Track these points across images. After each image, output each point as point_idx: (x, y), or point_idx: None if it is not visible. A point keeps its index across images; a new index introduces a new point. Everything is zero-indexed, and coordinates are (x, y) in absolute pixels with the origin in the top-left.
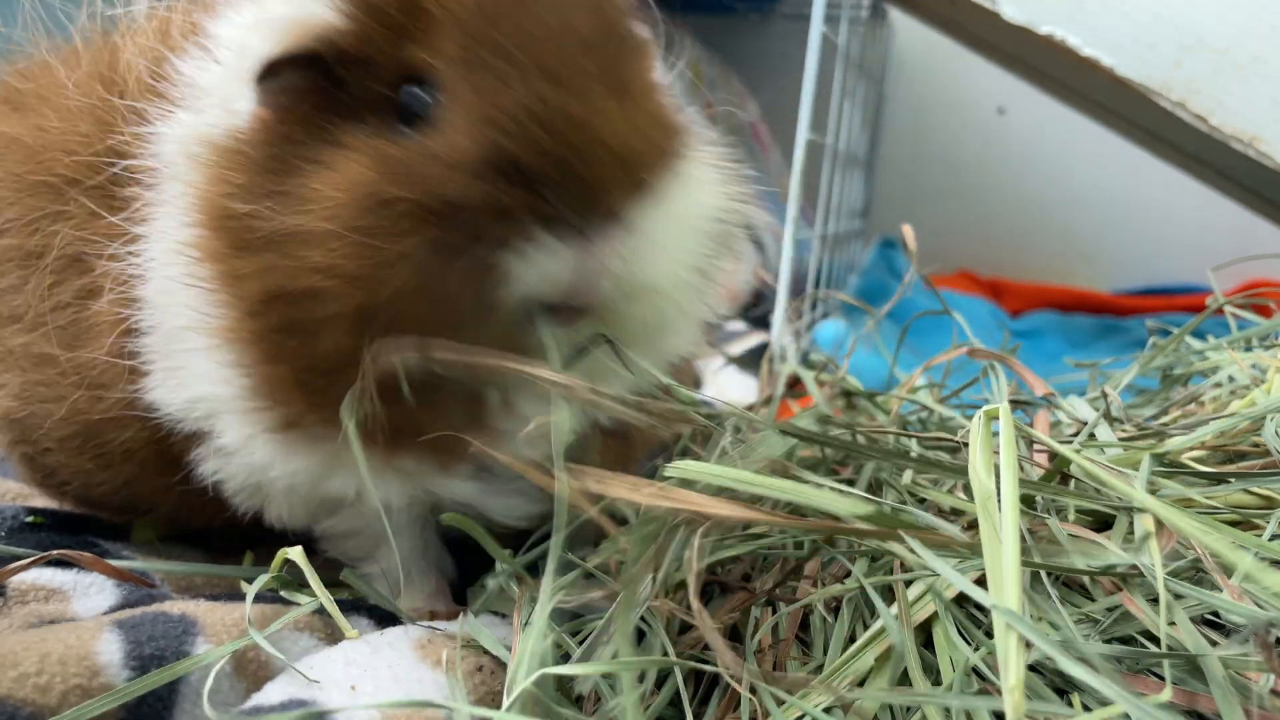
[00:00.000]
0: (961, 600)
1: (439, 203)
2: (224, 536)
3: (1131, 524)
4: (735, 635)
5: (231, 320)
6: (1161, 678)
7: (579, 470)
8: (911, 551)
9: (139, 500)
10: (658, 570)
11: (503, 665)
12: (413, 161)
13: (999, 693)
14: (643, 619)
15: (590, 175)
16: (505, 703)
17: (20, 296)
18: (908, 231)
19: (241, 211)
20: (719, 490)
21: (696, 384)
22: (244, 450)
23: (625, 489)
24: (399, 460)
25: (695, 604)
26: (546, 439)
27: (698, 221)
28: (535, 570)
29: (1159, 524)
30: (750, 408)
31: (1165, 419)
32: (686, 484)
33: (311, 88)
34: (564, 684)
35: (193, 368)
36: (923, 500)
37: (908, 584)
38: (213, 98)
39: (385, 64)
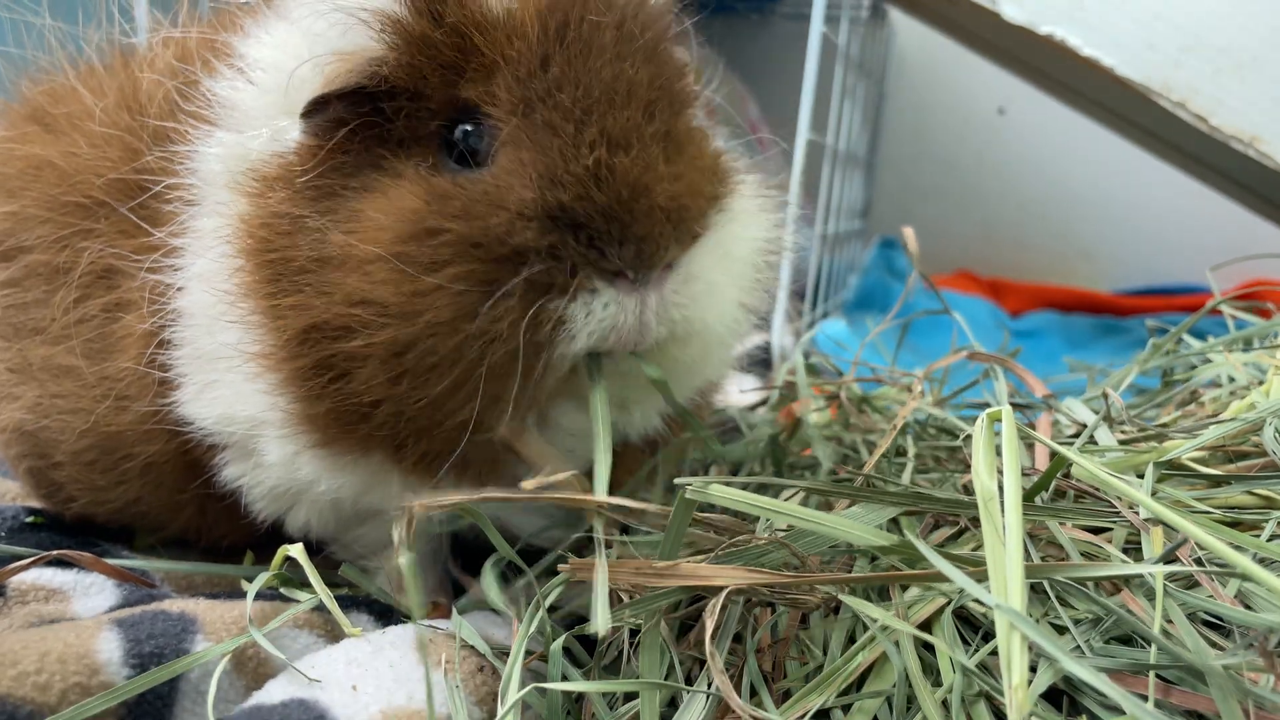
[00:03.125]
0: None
1: (492, 241)
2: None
3: (1132, 527)
4: (734, 635)
5: (270, 354)
6: (1161, 678)
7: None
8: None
9: (147, 517)
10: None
11: (504, 663)
12: (467, 198)
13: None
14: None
15: (646, 233)
16: (500, 713)
17: (44, 310)
18: (909, 234)
19: (283, 242)
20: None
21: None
22: (288, 466)
23: (632, 573)
24: (439, 483)
25: (711, 654)
26: (574, 457)
27: (746, 258)
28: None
29: (1159, 525)
30: (751, 408)
31: (1165, 420)
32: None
33: (359, 120)
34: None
35: (231, 386)
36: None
37: (904, 588)
38: (253, 119)
39: (436, 100)
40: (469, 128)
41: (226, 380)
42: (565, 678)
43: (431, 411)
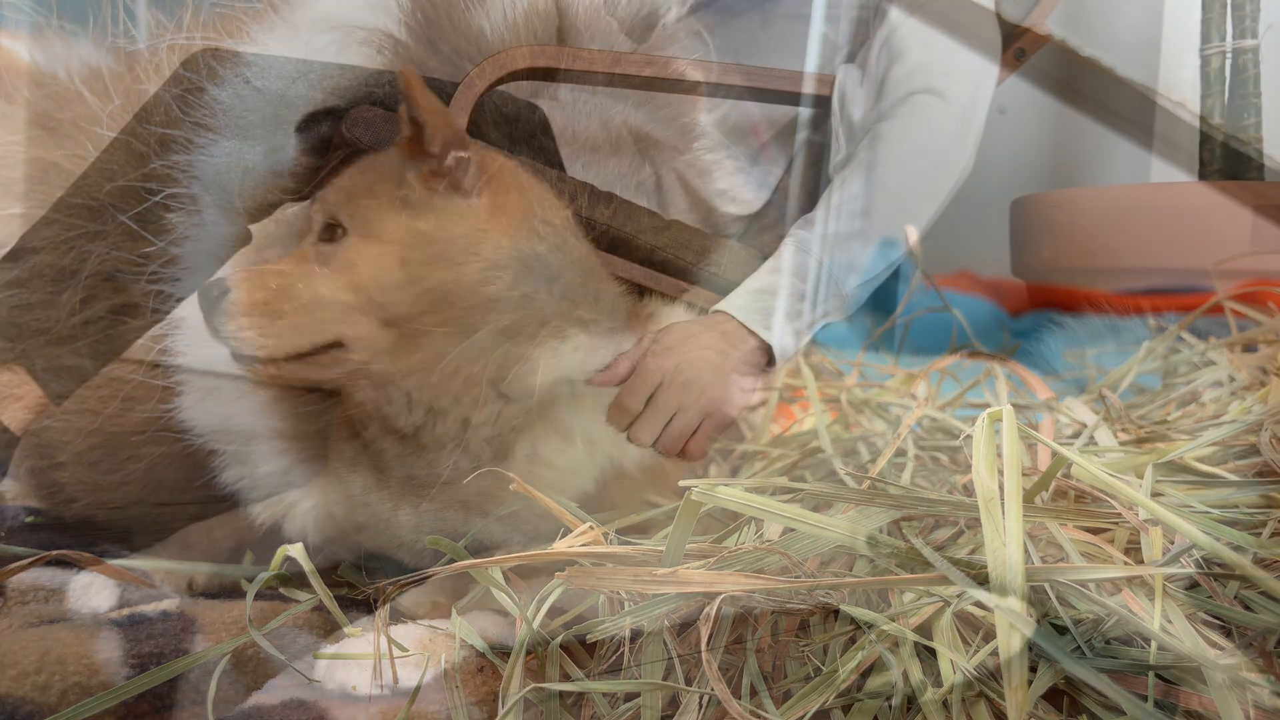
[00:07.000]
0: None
1: (466, 290)
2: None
3: (1133, 528)
4: (736, 635)
5: (257, 371)
6: (1160, 678)
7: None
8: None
9: (148, 518)
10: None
11: (504, 663)
12: (447, 241)
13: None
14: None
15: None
16: (500, 713)
17: (50, 311)
18: (911, 232)
19: (269, 261)
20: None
21: None
22: (279, 478)
23: (631, 579)
24: (433, 509)
25: (707, 662)
26: (564, 487)
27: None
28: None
29: (1159, 526)
30: (750, 409)
31: (1166, 420)
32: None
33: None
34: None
35: (226, 393)
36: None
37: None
38: (252, 128)
39: (430, 125)
40: (461, 154)
41: (223, 390)
42: (567, 677)
43: (401, 440)
